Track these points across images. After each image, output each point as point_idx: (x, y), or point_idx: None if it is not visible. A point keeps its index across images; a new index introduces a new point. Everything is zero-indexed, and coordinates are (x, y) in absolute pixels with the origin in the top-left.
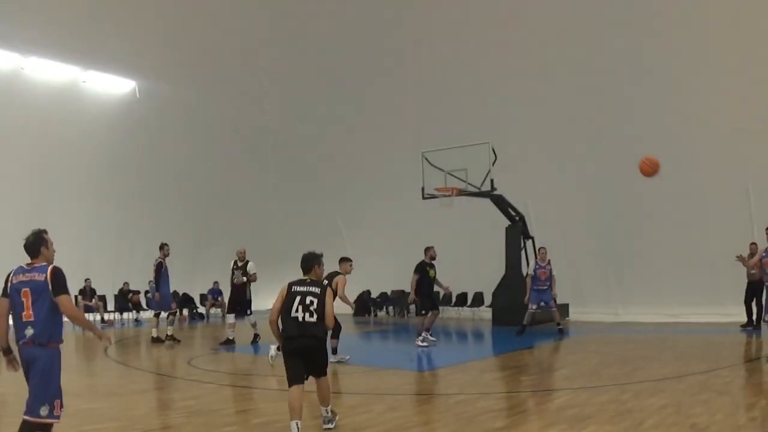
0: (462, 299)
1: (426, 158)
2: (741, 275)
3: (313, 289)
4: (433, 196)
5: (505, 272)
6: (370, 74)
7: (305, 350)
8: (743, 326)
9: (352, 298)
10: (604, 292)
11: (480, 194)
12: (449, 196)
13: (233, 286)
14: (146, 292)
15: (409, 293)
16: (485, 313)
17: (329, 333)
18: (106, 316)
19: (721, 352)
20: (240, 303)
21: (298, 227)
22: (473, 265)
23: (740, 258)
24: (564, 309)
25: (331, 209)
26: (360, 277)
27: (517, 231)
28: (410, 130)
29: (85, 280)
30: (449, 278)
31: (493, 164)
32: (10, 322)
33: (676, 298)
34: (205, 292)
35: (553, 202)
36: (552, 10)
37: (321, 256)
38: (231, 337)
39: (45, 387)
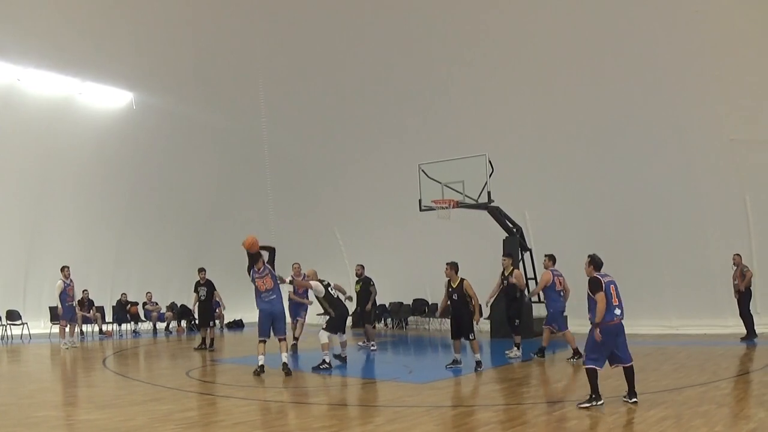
0: None
1: (423, 170)
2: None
3: None
4: (431, 208)
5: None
6: (367, 87)
7: None
8: (743, 338)
9: None
10: None
11: (477, 206)
12: (446, 208)
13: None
14: (144, 304)
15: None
16: (483, 324)
17: None
18: (104, 327)
19: (719, 363)
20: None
21: (295, 240)
22: (471, 276)
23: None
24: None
25: (328, 222)
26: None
27: (515, 243)
28: (407, 142)
29: (83, 291)
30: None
31: (490, 176)
32: None
33: (675, 309)
34: None
35: (551, 214)
36: (551, 22)
37: None
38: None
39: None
